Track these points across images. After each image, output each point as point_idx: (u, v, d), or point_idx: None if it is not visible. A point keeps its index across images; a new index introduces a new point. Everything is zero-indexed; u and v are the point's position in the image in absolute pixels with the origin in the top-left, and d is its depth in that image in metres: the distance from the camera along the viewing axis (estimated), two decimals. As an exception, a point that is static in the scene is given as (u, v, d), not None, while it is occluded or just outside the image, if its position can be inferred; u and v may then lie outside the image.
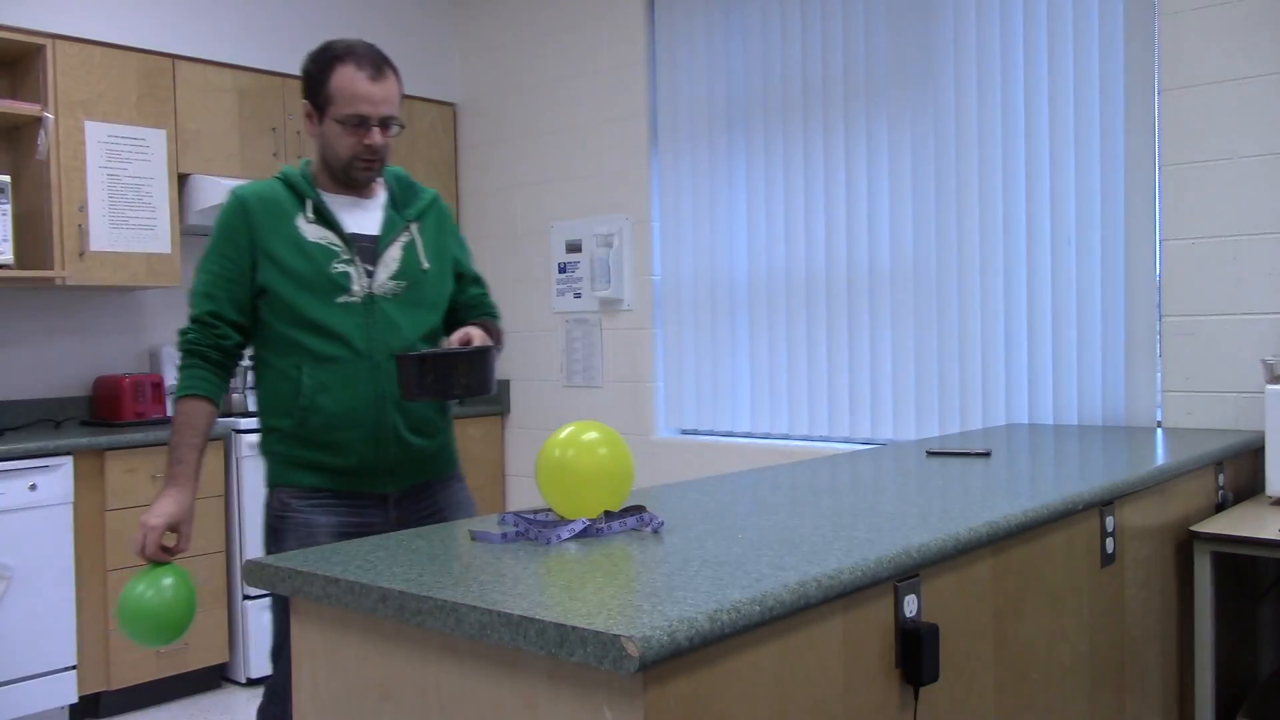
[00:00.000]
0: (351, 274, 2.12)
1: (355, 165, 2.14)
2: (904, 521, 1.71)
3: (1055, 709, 1.97)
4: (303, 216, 2.13)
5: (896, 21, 3.80)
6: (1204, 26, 3.10)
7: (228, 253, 2.11)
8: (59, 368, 4.19)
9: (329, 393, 2.09)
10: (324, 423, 2.09)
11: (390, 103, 2.12)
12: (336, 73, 2.09)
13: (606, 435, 1.68)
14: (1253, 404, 3.02)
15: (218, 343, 2.12)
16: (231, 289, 2.12)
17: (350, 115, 2.09)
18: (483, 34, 5.17)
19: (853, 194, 3.92)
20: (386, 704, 1.39)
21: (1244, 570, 2.80)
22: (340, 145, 2.12)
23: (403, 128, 2.20)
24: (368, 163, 2.14)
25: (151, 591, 1.91)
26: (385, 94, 2.11)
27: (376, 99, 2.09)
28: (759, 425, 4.22)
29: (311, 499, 2.13)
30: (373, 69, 2.10)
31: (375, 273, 2.14)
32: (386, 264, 2.16)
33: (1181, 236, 3.16)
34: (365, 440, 2.11)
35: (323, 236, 2.12)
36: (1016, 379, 3.55)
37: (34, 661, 3.49)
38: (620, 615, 1.17)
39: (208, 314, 2.11)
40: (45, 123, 3.80)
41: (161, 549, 2.01)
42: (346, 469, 2.13)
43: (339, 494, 2.14)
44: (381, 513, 2.17)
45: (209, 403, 2.11)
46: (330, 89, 2.10)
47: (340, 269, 2.11)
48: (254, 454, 3.99)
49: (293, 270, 2.09)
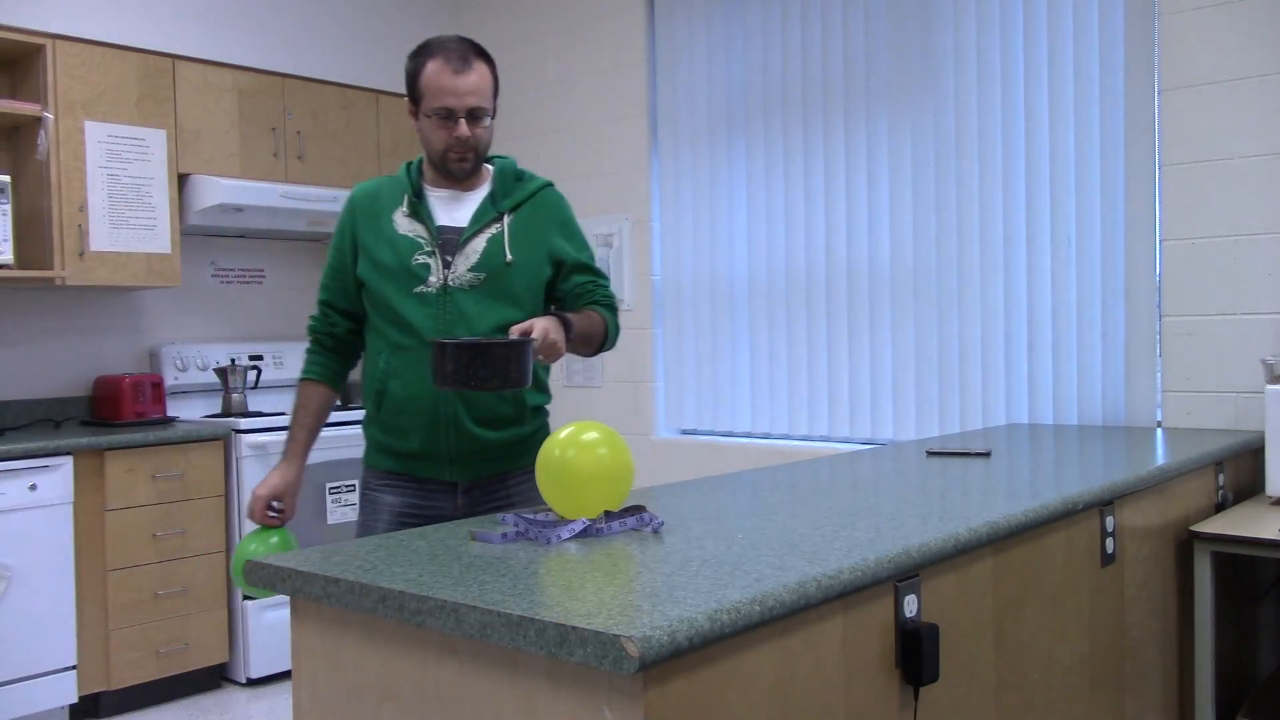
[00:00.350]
0: (431, 265, 2.16)
1: (449, 158, 2.17)
2: (904, 521, 1.71)
3: (1055, 709, 1.97)
4: (400, 210, 2.21)
5: (896, 22, 3.80)
6: (1204, 26, 3.10)
7: (339, 245, 2.26)
8: (59, 368, 4.20)
9: (399, 379, 2.16)
10: (393, 407, 2.18)
11: (477, 94, 2.13)
12: (426, 68, 2.14)
13: (606, 435, 1.68)
14: (1253, 404, 3.02)
15: (330, 330, 2.29)
16: (340, 279, 2.25)
17: (438, 108, 2.13)
18: (483, 34, 5.17)
19: (853, 194, 3.92)
20: (386, 704, 1.39)
21: (1244, 570, 2.80)
22: (433, 139, 2.16)
23: (493, 117, 2.20)
24: (460, 155, 2.16)
25: (258, 547, 2.13)
26: (471, 86, 2.12)
27: (462, 91, 2.11)
28: (759, 425, 4.22)
29: (385, 479, 2.24)
30: (459, 61, 2.12)
31: (454, 264, 2.17)
32: (467, 256, 2.17)
33: (1181, 236, 3.16)
34: (426, 427, 2.16)
35: (412, 229, 2.19)
36: (1016, 379, 3.55)
37: (34, 661, 3.49)
38: (620, 615, 1.17)
39: (323, 302, 2.30)
40: (45, 123, 3.80)
41: (269, 514, 2.20)
42: (411, 454, 2.20)
43: (408, 477, 2.21)
44: (449, 500, 2.20)
45: (321, 385, 2.29)
46: (421, 84, 2.15)
47: (421, 260, 2.16)
48: (254, 454, 4.00)
49: (381, 262, 2.18)
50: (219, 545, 3.97)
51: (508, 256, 2.18)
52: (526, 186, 2.27)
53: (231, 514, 4.01)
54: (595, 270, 2.31)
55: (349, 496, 4.29)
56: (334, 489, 4.24)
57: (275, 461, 3.13)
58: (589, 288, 2.27)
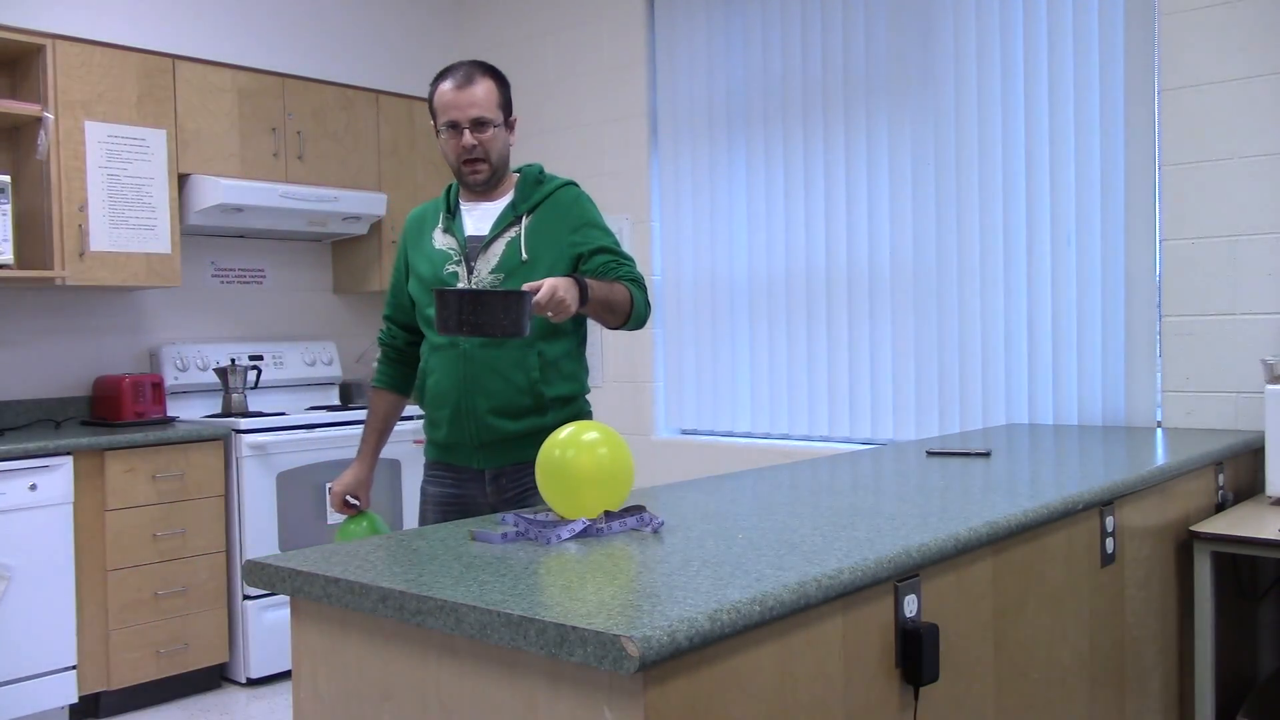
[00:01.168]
0: (459, 273, 2.33)
1: (463, 170, 2.33)
2: (904, 521, 1.71)
3: (1055, 709, 1.97)
4: (438, 228, 2.40)
5: (896, 21, 3.80)
6: (1204, 26, 3.10)
7: (397, 265, 2.51)
8: (59, 368, 4.20)
9: (433, 375, 2.36)
10: (429, 401, 2.39)
11: (478, 105, 2.27)
12: (437, 90, 2.32)
13: (606, 435, 1.69)
14: (1253, 404, 3.02)
15: (392, 342, 2.53)
16: (398, 297, 2.50)
17: (445, 122, 2.30)
18: (483, 34, 5.17)
19: (853, 194, 3.92)
20: (386, 704, 1.39)
21: (1244, 570, 2.80)
22: (448, 152, 2.33)
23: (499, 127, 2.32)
24: (471, 164, 2.31)
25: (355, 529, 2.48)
26: (472, 98, 2.27)
27: (463, 103, 2.27)
28: (759, 425, 4.22)
29: (432, 470, 2.45)
30: (462, 78, 2.28)
31: (476, 268, 2.31)
32: (489, 259, 2.32)
33: (1181, 236, 3.16)
34: (451, 418, 2.33)
35: (445, 243, 2.37)
36: (1016, 379, 3.55)
37: (34, 661, 3.49)
38: (620, 615, 1.17)
39: (386, 318, 2.54)
40: (45, 123, 3.81)
41: (346, 506, 2.51)
42: (444, 443, 2.38)
43: (445, 466, 2.40)
44: (479, 487, 2.36)
45: (387, 392, 2.55)
46: (434, 104, 2.33)
47: (451, 270, 2.34)
48: (254, 454, 4.00)
49: (422, 276, 2.38)
50: (219, 545, 3.97)
51: (523, 255, 2.29)
52: (544, 188, 2.39)
53: (231, 514, 4.01)
54: (616, 252, 2.37)
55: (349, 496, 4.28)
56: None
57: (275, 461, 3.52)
58: (611, 265, 2.33)
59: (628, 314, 2.31)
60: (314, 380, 4.84)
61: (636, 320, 2.35)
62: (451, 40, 5.24)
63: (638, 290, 2.33)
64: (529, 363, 2.27)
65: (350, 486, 2.53)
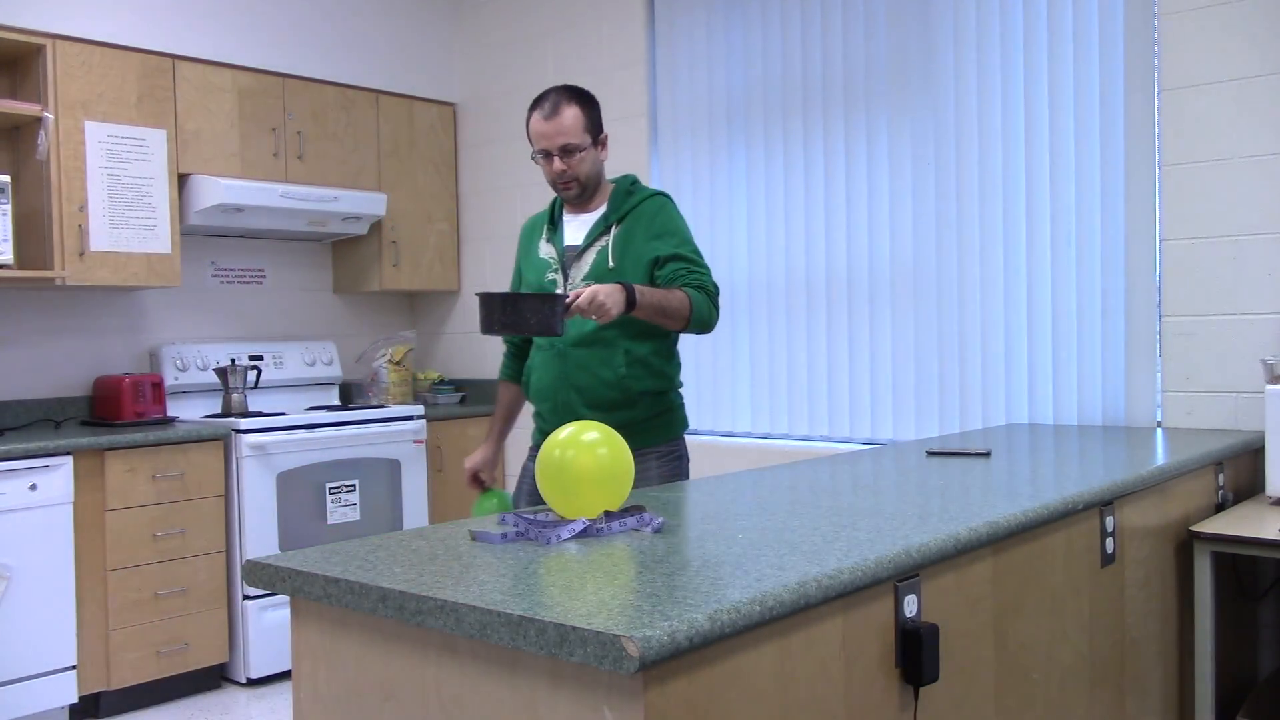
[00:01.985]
0: (558, 280, 2.56)
1: (557, 188, 2.57)
2: (904, 521, 1.71)
3: (1055, 709, 1.97)
4: (543, 238, 2.64)
5: (896, 21, 3.80)
6: (1204, 26, 3.10)
7: (515, 269, 2.76)
8: (59, 368, 4.20)
9: (536, 373, 2.62)
10: (533, 395, 2.65)
11: (564, 134, 2.48)
12: (529, 119, 2.53)
13: (606, 435, 1.69)
14: (1253, 404, 3.02)
15: (512, 339, 2.78)
16: None
17: (538, 151, 2.53)
18: (482, 34, 5.18)
19: (853, 194, 3.92)
20: (387, 704, 1.39)
21: (1244, 570, 2.80)
22: (545, 174, 2.56)
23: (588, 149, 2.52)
24: (564, 185, 2.54)
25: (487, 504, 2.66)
26: (558, 128, 2.48)
27: (550, 134, 2.49)
28: (759, 425, 4.22)
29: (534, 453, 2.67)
30: (550, 108, 2.49)
31: (571, 275, 2.54)
32: (581, 267, 2.54)
33: (1181, 236, 3.16)
34: (552, 411, 2.56)
35: (547, 252, 2.61)
36: (1016, 379, 3.55)
37: (34, 661, 3.49)
38: (620, 615, 1.17)
39: None
40: (45, 123, 3.81)
41: (475, 481, 2.76)
42: (547, 432, 2.46)
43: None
44: None
45: (510, 383, 2.82)
46: (529, 133, 2.54)
47: (550, 277, 2.58)
48: (254, 454, 4.00)
49: (529, 281, 2.65)
50: (219, 545, 3.97)
51: (610, 263, 2.50)
52: (633, 198, 2.59)
53: (231, 513, 4.01)
54: (689, 259, 2.52)
55: (348, 496, 4.29)
56: (334, 489, 4.25)
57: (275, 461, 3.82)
58: (681, 272, 2.48)
59: (686, 319, 2.43)
60: (314, 380, 4.84)
61: (698, 325, 2.47)
62: (451, 40, 5.24)
63: (700, 296, 2.45)
64: (616, 360, 2.48)
65: (479, 464, 2.78)
